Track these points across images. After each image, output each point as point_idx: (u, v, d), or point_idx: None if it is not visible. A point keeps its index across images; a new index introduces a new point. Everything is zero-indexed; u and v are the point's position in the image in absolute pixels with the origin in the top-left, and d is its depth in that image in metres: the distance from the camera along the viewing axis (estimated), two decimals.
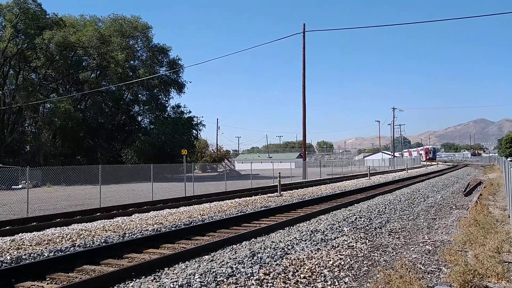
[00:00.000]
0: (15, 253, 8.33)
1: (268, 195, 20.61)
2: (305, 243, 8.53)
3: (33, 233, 10.76)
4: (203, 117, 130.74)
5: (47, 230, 11.34)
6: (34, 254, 8.06)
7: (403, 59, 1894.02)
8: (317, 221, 11.62)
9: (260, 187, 25.34)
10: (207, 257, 7.60)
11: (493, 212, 12.51)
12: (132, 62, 50.43)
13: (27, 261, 7.43)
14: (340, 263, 7.06)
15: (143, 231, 10.58)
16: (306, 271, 6.53)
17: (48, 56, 43.33)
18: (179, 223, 11.75)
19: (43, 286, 6.31)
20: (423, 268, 6.76)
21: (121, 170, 29.20)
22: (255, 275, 6.24)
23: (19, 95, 41.39)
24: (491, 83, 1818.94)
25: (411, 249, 8.19)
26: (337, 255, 7.57)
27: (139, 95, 53.54)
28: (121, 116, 51.93)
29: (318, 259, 7.29)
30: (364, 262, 7.24)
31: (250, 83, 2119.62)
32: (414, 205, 15.05)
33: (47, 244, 9.30)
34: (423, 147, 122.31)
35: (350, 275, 6.49)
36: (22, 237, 10.15)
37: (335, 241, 8.84)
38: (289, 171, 37.03)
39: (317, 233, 9.55)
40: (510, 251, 7.62)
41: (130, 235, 10.15)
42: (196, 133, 56.97)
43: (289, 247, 8.12)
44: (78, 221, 12.91)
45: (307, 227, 10.49)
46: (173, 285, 5.74)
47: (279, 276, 6.27)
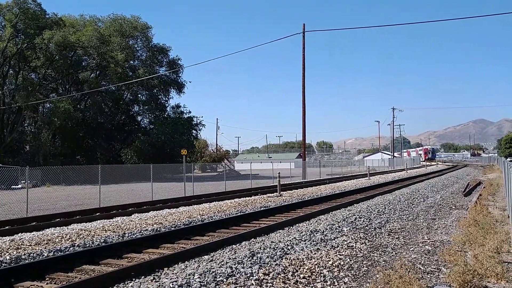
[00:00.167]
0: (15, 253, 8.33)
1: (267, 195, 20.62)
2: (305, 243, 8.53)
3: (32, 233, 10.76)
4: (202, 117, 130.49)
5: (47, 230, 11.35)
6: (33, 254, 8.06)
7: (403, 59, 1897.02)
8: (316, 221, 11.62)
9: (259, 187, 25.34)
10: (206, 257, 7.60)
11: (493, 212, 12.51)
12: (131, 62, 50.42)
13: (27, 261, 7.43)
14: (339, 263, 7.06)
15: (142, 231, 10.58)
16: (305, 271, 6.53)
17: (47, 56, 43.33)
18: (179, 223, 11.75)
19: (42, 286, 6.31)
20: (422, 268, 6.76)
21: (121, 170, 29.19)
22: (254, 275, 6.24)
23: (19, 95, 41.39)
24: (490, 84, 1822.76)
25: (411, 249, 8.19)
26: (337, 255, 7.58)
27: (139, 95, 53.55)
28: (120, 116, 51.92)
29: (317, 259, 7.29)
30: (363, 262, 7.24)
31: (250, 83, 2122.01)
32: (413, 205, 15.05)
33: (46, 244, 9.30)
34: (422, 148, 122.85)
35: (349, 275, 6.49)
36: (21, 237, 10.15)
37: (334, 241, 8.84)
38: (289, 171, 37.03)
39: (316, 233, 9.55)
40: (509, 251, 7.63)
41: (129, 235, 10.15)
42: (195, 133, 56.91)
43: (289, 247, 8.12)
44: (77, 221, 12.91)
45: (306, 227, 10.50)
46: (173, 285, 5.74)
47: (279, 276, 6.27)
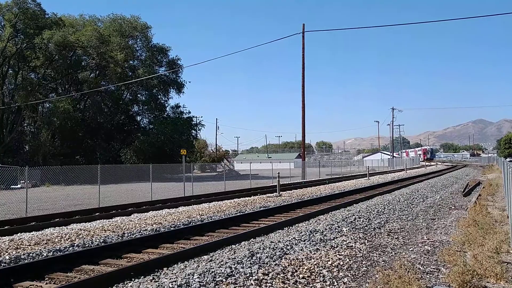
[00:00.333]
0: (14, 253, 8.33)
1: (267, 195, 20.62)
2: (304, 243, 8.53)
3: (32, 233, 10.76)
4: (202, 117, 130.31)
5: (46, 230, 11.34)
6: (33, 254, 8.06)
7: (402, 60, 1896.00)
8: (316, 221, 11.63)
9: (259, 187, 25.34)
10: (206, 257, 7.61)
11: (492, 212, 12.51)
12: (131, 62, 50.33)
13: (26, 261, 7.43)
14: (339, 263, 7.06)
15: (142, 231, 10.57)
16: (305, 271, 6.53)
17: (47, 55, 43.30)
18: (178, 223, 11.75)
19: (42, 286, 6.31)
20: (422, 268, 6.76)
21: (120, 170, 29.16)
22: (254, 275, 6.24)
23: (18, 94, 41.37)
24: (490, 84, 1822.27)
25: (410, 250, 8.19)
26: (336, 255, 7.58)
27: (139, 95, 53.51)
28: (120, 116, 51.88)
29: (317, 259, 7.29)
30: (363, 262, 7.25)
31: (249, 83, 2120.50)
32: (413, 206, 15.06)
33: (46, 244, 9.29)
34: (420, 148, 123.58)
35: (349, 275, 6.49)
36: (21, 237, 10.15)
37: (334, 241, 8.84)
38: (288, 171, 37.06)
39: (316, 233, 9.55)
40: (509, 251, 7.63)
41: (129, 235, 10.14)
42: (195, 133, 56.95)
43: (288, 247, 8.12)
44: (77, 221, 12.90)
45: (306, 227, 10.50)
46: (172, 285, 5.74)
47: (278, 276, 6.27)
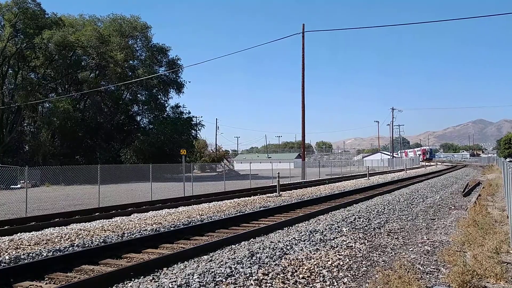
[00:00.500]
0: (14, 253, 8.33)
1: (267, 195, 20.62)
2: (304, 244, 8.53)
3: (31, 233, 10.75)
4: (202, 117, 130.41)
5: (46, 230, 11.34)
6: (32, 254, 8.05)
7: (402, 60, 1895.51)
8: (316, 222, 11.63)
9: (259, 187, 25.34)
10: (206, 257, 7.61)
11: (492, 212, 12.51)
12: (131, 62, 50.33)
13: (26, 261, 7.43)
14: (339, 264, 7.06)
15: (142, 231, 10.57)
16: (305, 271, 6.53)
17: (47, 55, 43.29)
18: (178, 223, 11.75)
19: (41, 286, 6.31)
20: (421, 268, 6.76)
21: (120, 170, 29.17)
22: (254, 275, 6.24)
23: (18, 94, 41.34)
24: (490, 84, 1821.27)
25: (410, 250, 8.19)
26: (336, 256, 7.58)
27: (138, 95, 53.48)
28: (120, 116, 51.86)
29: (317, 259, 7.29)
30: (363, 262, 7.24)
31: (249, 83, 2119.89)
32: (413, 206, 15.06)
33: (45, 244, 9.29)
34: (419, 148, 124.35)
35: (348, 275, 6.49)
36: (20, 237, 10.14)
37: (334, 241, 8.84)
38: (288, 171, 37.05)
39: (316, 234, 9.55)
40: (508, 251, 7.63)
41: (129, 235, 10.14)
42: (195, 133, 56.94)
43: (288, 248, 8.12)
44: (76, 221, 12.90)
45: (306, 227, 10.50)
46: (172, 285, 5.74)
47: (278, 276, 6.27)
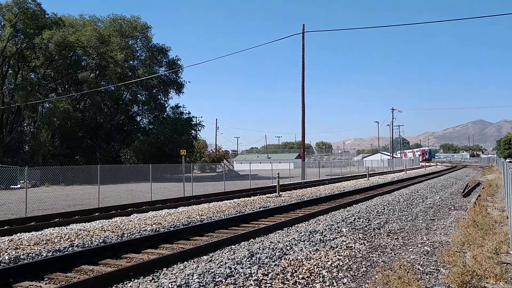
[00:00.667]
0: (14, 253, 8.33)
1: (267, 195, 20.61)
2: (304, 244, 8.53)
3: (31, 233, 10.75)
4: (202, 117, 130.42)
5: (46, 230, 11.34)
6: (32, 254, 8.05)
7: (402, 60, 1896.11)
8: (315, 222, 11.63)
9: (259, 188, 25.34)
10: (205, 257, 7.61)
11: (492, 213, 12.51)
12: (131, 62, 50.34)
13: (25, 261, 7.43)
14: (338, 264, 7.06)
15: (141, 231, 10.57)
16: (304, 272, 6.53)
17: (47, 55, 43.28)
18: (178, 224, 11.75)
19: (41, 286, 6.31)
20: (421, 269, 6.76)
21: (120, 170, 29.14)
22: (253, 276, 6.24)
23: (18, 94, 41.33)
24: (490, 85, 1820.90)
25: (410, 250, 8.19)
26: (336, 256, 7.58)
27: (138, 95, 53.49)
28: (120, 116, 51.87)
29: (316, 259, 7.29)
30: (362, 262, 7.24)
31: (249, 83, 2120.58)
32: (412, 206, 15.05)
33: (45, 244, 9.29)
34: (418, 149, 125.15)
35: (348, 275, 6.49)
36: (20, 237, 10.14)
37: (333, 241, 8.84)
38: (288, 172, 37.06)
39: (315, 234, 9.55)
40: (508, 252, 7.63)
41: (128, 235, 10.14)
42: (195, 133, 56.91)
43: (288, 248, 8.12)
44: (76, 221, 12.90)
45: (305, 228, 10.50)
46: (172, 285, 5.74)
47: (278, 276, 6.27)
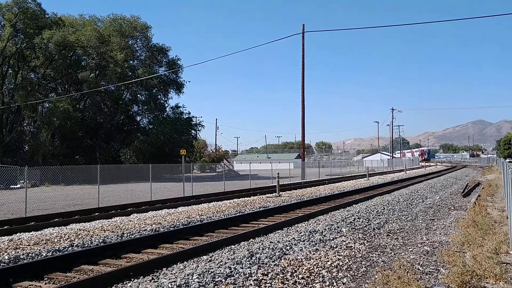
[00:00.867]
0: (13, 252, 8.32)
1: (266, 195, 20.61)
2: (304, 244, 8.53)
3: (31, 233, 10.75)
4: (202, 117, 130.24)
5: (45, 230, 11.34)
6: (32, 254, 8.05)
7: (402, 60, 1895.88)
8: (315, 222, 11.63)
9: (258, 188, 25.34)
10: (205, 257, 7.61)
11: (492, 213, 12.52)
12: (131, 62, 50.34)
13: (25, 261, 7.43)
14: (338, 264, 7.06)
15: (141, 231, 10.57)
16: (304, 272, 6.53)
17: (47, 55, 43.28)
18: (178, 223, 11.75)
19: (41, 286, 6.31)
20: (421, 269, 6.76)
21: (120, 170, 29.16)
22: (253, 276, 6.24)
23: (18, 94, 41.33)
24: (489, 85, 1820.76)
25: (410, 250, 8.19)
26: (336, 256, 7.58)
27: (138, 95, 53.49)
28: (120, 116, 51.86)
29: (316, 259, 7.29)
30: (362, 262, 7.24)
31: (249, 83, 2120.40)
32: (412, 206, 15.05)
33: (45, 244, 9.29)
34: (417, 149, 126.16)
35: (348, 275, 6.49)
36: (20, 237, 10.14)
37: (333, 241, 8.84)
38: (288, 172, 37.06)
39: (315, 234, 9.55)
40: (508, 252, 7.63)
41: (128, 235, 10.14)
42: (195, 133, 56.93)
43: (288, 248, 8.12)
44: (76, 221, 12.90)
45: (305, 228, 10.50)
46: (171, 285, 5.74)
47: (277, 276, 6.27)
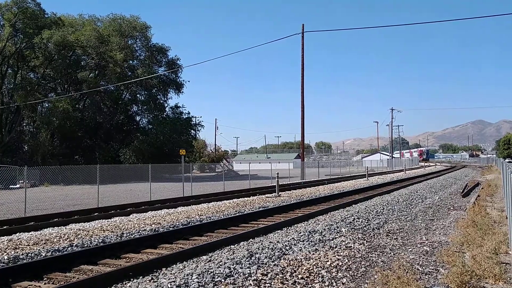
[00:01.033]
0: (13, 252, 8.32)
1: (266, 195, 20.61)
2: (303, 244, 8.53)
3: (30, 233, 10.74)
4: (201, 117, 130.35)
5: (45, 229, 11.33)
6: (31, 254, 8.05)
7: (401, 60, 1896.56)
8: (315, 222, 11.63)
9: (258, 188, 25.34)
10: (205, 257, 7.61)
11: (491, 213, 12.52)
12: (130, 61, 50.30)
13: (25, 261, 7.43)
14: (337, 264, 7.06)
15: (141, 231, 10.57)
16: (304, 272, 6.53)
17: (46, 55, 43.23)
18: (177, 223, 11.75)
19: (40, 286, 6.31)
20: (420, 269, 6.77)
21: (119, 170, 29.18)
22: (252, 276, 6.24)
23: (17, 94, 41.29)
24: (489, 85, 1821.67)
25: (409, 250, 8.19)
26: (335, 256, 7.58)
27: (138, 95, 53.46)
28: (119, 116, 51.83)
29: (316, 259, 7.29)
30: (361, 263, 7.25)
31: (249, 83, 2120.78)
32: (412, 206, 15.06)
33: (44, 244, 9.28)
34: (416, 149, 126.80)
35: (347, 275, 6.49)
36: (19, 237, 10.13)
37: (333, 241, 8.84)
38: (288, 172, 37.05)
39: (315, 234, 9.55)
40: (507, 252, 7.63)
41: (128, 235, 10.14)
42: (194, 133, 56.95)
43: (287, 248, 8.12)
44: (75, 221, 12.89)
45: (305, 228, 10.50)
46: (171, 285, 5.74)
47: (277, 276, 6.27)
